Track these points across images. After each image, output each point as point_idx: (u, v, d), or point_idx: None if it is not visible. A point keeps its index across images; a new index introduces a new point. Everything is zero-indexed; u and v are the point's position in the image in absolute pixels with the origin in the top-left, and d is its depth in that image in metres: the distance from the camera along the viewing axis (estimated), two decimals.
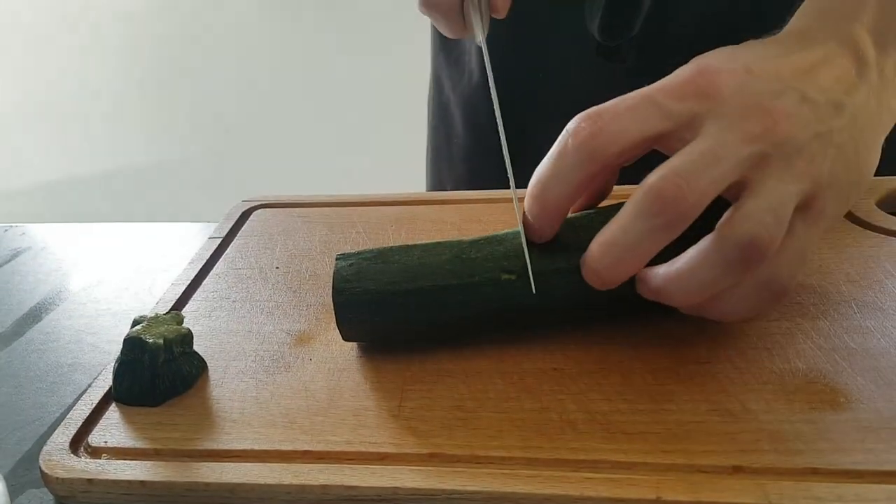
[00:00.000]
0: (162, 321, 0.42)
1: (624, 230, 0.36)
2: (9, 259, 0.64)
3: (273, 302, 0.49)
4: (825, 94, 0.37)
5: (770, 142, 0.35)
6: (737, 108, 0.36)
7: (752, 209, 0.35)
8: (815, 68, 0.38)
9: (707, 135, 0.36)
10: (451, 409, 0.38)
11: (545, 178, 0.39)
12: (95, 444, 0.38)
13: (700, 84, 0.37)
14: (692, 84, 0.37)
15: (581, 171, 0.38)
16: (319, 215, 0.61)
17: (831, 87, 0.37)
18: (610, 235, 0.36)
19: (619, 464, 0.34)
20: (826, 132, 0.36)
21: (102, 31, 2.23)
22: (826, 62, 0.38)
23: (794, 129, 0.35)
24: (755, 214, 0.34)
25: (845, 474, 0.33)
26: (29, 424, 0.43)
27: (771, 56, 0.39)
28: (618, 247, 0.36)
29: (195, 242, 0.60)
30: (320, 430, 0.37)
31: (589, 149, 0.37)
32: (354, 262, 0.42)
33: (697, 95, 0.37)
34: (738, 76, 0.37)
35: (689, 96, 0.37)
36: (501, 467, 0.34)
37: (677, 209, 0.34)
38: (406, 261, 0.41)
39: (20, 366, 0.48)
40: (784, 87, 0.36)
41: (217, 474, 0.35)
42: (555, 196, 0.39)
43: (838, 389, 0.37)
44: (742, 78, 0.37)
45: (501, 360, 0.41)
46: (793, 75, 0.37)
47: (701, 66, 0.38)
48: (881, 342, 0.40)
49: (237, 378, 0.42)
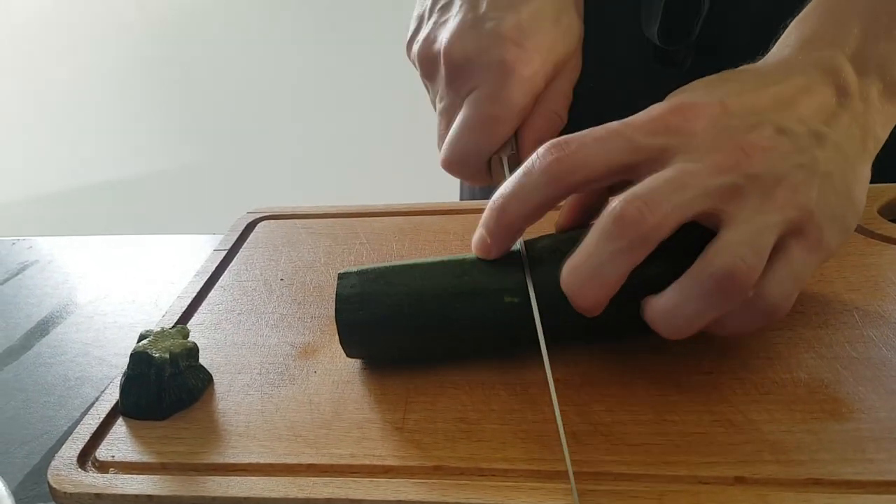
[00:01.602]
0: (168, 335, 0.43)
1: (588, 254, 0.36)
2: (16, 272, 0.64)
3: (278, 314, 0.50)
4: (805, 124, 0.37)
5: (742, 174, 0.35)
6: (708, 142, 0.36)
7: (727, 241, 0.34)
8: (794, 99, 0.38)
9: (675, 166, 0.36)
10: (454, 422, 0.38)
11: (506, 196, 0.39)
12: (103, 458, 0.38)
13: (671, 121, 0.37)
14: (662, 121, 0.37)
15: (541, 193, 0.38)
16: (323, 226, 0.62)
17: (811, 117, 0.37)
18: (575, 259, 0.36)
19: (621, 475, 0.34)
20: (809, 162, 0.36)
21: (109, 40, 2.25)
22: (806, 92, 0.38)
23: (771, 160, 0.35)
24: (730, 247, 0.34)
25: (846, 485, 0.33)
26: (37, 438, 0.43)
27: (748, 89, 0.39)
28: (582, 270, 0.36)
29: (200, 254, 0.60)
30: (325, 443, 0.38)
31: (553, 173, 0.37)
32: (357, 282, 0.42)
33: (668, 131, 0.37)
34: (711, 111, 0.37)
35: (659, 132, 0.37)
36: (505, 479, 0.35)
37: (638, 231, 0.34)
38: (409, 282, 0.41)
39: (28, 379, 0.49)
40: (759, 120, 0.37)
41: (223, 488, 0.36)
42: (513, 214, 0.39)
43: (840, 399, 0.37)
44: (716, 113, 0.37)
45: (504, 372, 0.42)
46: (770, 107, 0.37)
47: (674, 103, 0.38)
48: (883, 351, 0.40)
49: (242, 391, 0.42)
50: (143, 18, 2.19)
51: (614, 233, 0.35)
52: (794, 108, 0.37)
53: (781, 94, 0.38)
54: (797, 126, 0.37)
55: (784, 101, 0.38)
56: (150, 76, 2.28)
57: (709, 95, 0.38)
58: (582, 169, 0.37)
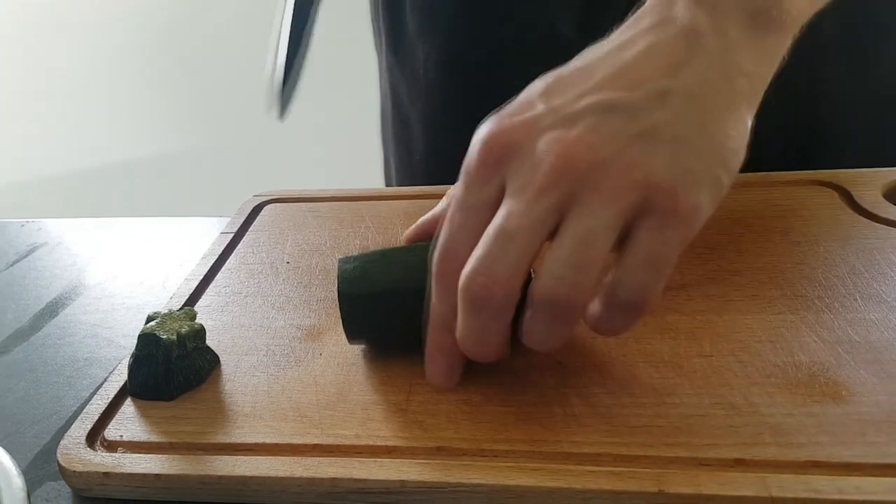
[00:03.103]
0: (175, 317, 0.43)
1: (465, 328, 0.35)
2: (26, 254, 0.65)
3: (284, 297, 0.50)
4: (640, 87, 0.34)
5: (567, 184, 0.33)
6: (529, 161, 0.34)
7: (547, 262, 0.33)
8: (630, 60, 0.35)
9: (502, 210, 0.34)
10: (457, 403, 0.39)
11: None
12: (111, 438, 0.39)
13: (486, 157, 0.35)
14: (483, 156, 0.35)
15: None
16: (329, 210, 0.62)
17: (649, 77, 0.34)
18: (460, 332, 0.36)
19: (621, 457, 0.35)
20: (647, 130, 0.33)
21: (118, 22, 2.24)
22: (645, 49, 0.35)
23: (597, 149, 0.33)
24: (548, 269, 0.33)
25: (846, 467, 0.33)
26: (46, 418, 0.44)
27: (580, 66, 0.36)
28: (469, 342, 0.36)
29: (208, 237, 0.61)
30: (330, 424, 0.38)
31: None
32: (358, 264, 0.42)
33: (491, 166, 0.35)
34: (526, 117, 0.35)
35: (486, 175, 0.35)
36: (506, 460, 0.35)
37: (491, 304, 0.34)
38: (409, 259, 0.41)
39: (38, 360, 0.49)
40: (583, 105, 0.34)
41: (230, 467, 0.36)
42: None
43: (841, 382, 0.38)
44: (532, 118, 0.34)
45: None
46: (599, 82, 0.34)
47: (487, 132, 0.35)
48: (884, 335, 0.41)
49: (249, 372, 0.43)
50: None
51: (474, 309, 0.34)
52: (626, 74, 0.34)
53: (615, 60, 0.35)
54: (630, 93, 0.34)
55: (617, 67, 0.35)
56: (159, 58, 2.28)
57: (528, 96, 0.36)
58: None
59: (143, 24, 2.24)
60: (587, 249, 0.32)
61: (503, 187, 0.34)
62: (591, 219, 0.32)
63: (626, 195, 0.32)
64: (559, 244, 0.33)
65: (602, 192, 0.32)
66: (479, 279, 0.34)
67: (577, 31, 0.61)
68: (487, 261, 0.34)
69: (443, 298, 0.37)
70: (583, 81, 0.35)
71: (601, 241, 0.32)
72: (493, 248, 0.34)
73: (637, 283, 0.33)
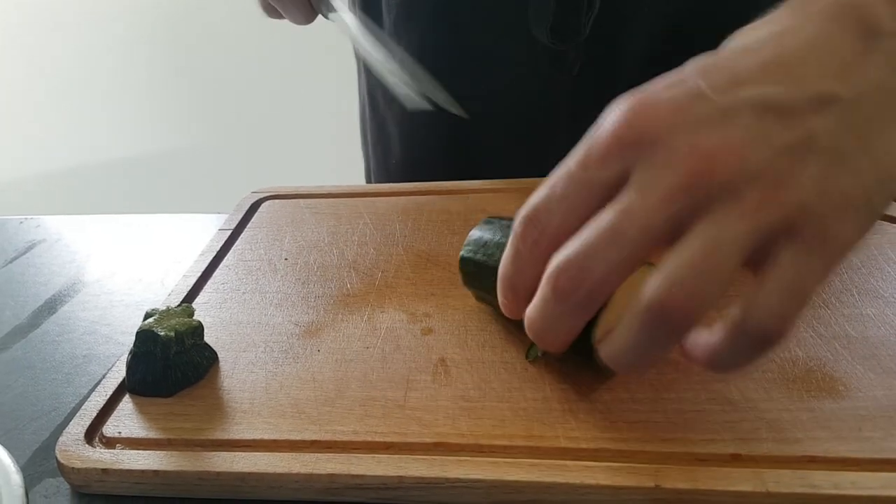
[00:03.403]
0: (173, 314, 0.43)
1: (540, 310, 0.33)
2: (24, 251, 0.65)
3: (282, 293, 0.50)
4: (804, 87, 0.29)
5: (702, 190, 0.29)
6: (667, 151, 0.30)
7: (664, 265, 0.30)
8: (797, 53, 0.30)
9: (622, 200, 0.31)
10: (455, 399, 0.39)
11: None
12: (110, 434, 0.39)
13: (624, 134, 0.31)
14: (616, 136, 0.31)
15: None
16: (327, 206, 0.62)
17: (816, 76, 0.30)
18: (531, 312, 0.34)
19: (619, 452, 0.35)
20: (803, 139, 0.29)
21: (114, 18, 2.24)
22: (815, 42, 0.30)
23: (744, 157, 0.29)
24: (669, 273, 0.29)
25: (842, 462, 0.33)
26: (45, 415, 0.44)
27: (740, 51, 0.31)
28: (537, 326, 0.34)
29: (206, 233, 0.61)
30: (328, 420, 0.38)
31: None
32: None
33: (622, 148, 0.31)
34: (673, 100, 0.30)
35: (612, 155, 0.31)
36: (504, 456, 0.35)
37: (576, 297, 0.32)
38: None
39: (36, 357, 0.49)
40: (737, 99, 0.29)
41: (228, 464, 0.36)
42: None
43: (837, 378, 0.38)
44: (680, 101, 0.30)
45: (505, 351, 0.42)
46: (760, 75, 0.30)
47: (632, 105, 0.31)
48: (881, 330, 0.41)
49: (247, 369, 0.43)
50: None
51: (556, 297, 0.32)
52: (793, 66, 0.30)
53: (780, 51, 0.30)
54: (792, 91, 0.29)
55: (782, 57, 0.30)
56: (157, 55, 2.28)
57: (683, 78, 0.31)
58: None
59: (141, 21, 2.23)
60: (715, 258, 0.29)
61: (627, 173, 0.31)
62: (724, 230, 0.29)
63: (767, 213, 0.29)
64: (683, 247, 0.29)
65: (742, 205, 0.29)
66: (572, 271, 0.31)
67: (550, 34, 0.61)
68: (588, 254, 0.31)
69: (515, 261, 0.35)
70: (743, 66, 0.30)
71: (732, 255, 0.29)
72: (598, 242, 0.31)
73: (776, 310, 0.29)
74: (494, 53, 0.65)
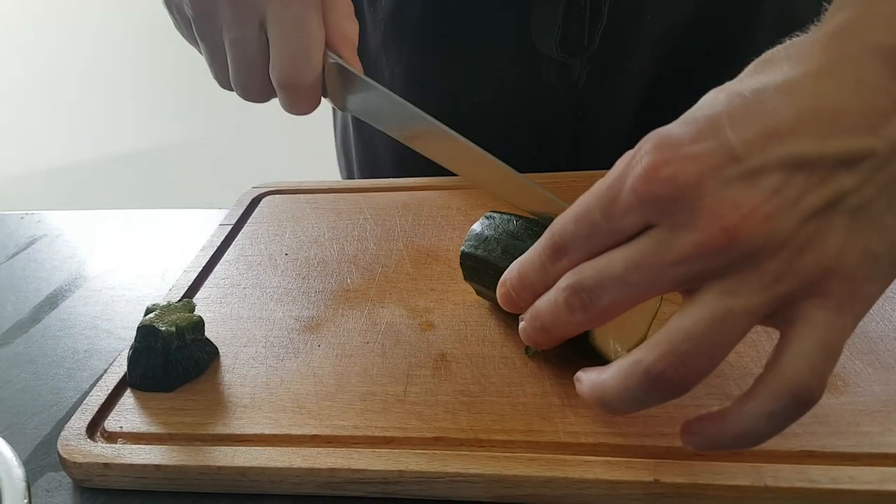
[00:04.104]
0: (174, 309, 0.43)
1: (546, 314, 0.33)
2: (25, 246, 0.65)
3: (282, 289, 0.50)
4: (837, 140, 0.28)
5: (727, 257, 0.28)
6: (689, 211, 0.29)
7: (666, 334, 0.29)
8: (833, 104, 0.28)
9: (638, 248, 0.30)
10: (455, 394, 0.39)
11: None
12: (111, 429, 0.39)
13: (647, 191, 0.29)
14: (639, 193, 0.30)
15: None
16: (327, 201, 0.62)
17: (852, 129, 0.28)
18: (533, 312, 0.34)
19: (618, 447, 0.35)
20: (830, 201, 0.28)
21: (115, 13, 2.24)
22: (853, 89, 0.28)
23: (770, 224, 0.28)
24: (670, 340, 0.29)
25: (840, 457, 0.33)
26: (47, 409, 0.44)
27: (773, 92, 0.29)
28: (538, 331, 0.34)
29: (206, 229, 0.61)
30: (328, 415, 0.38)
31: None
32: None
33: (645, 204, 0.30)
34: (699, 156, 0.29)
35: (632, 205, 0.30)
36: (504, 451, 0.35)
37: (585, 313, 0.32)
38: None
39: (38, 352, 0.49)
40: (768, 160, 0.28)
41: (229, 458, 0.36)
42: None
43: (836, 373, 0.38)
44: (707, 157, 0.28)
45: (504, 346, 0.42)
46: (794, 127, 0.28)
47: (659, 158, 0.29)
48: (880, 326, 0.41)
49: (248, 364, 0.43)
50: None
51: (567, 305, 0.32)
52: (827, 115, 0.28)
53: (813, 98, 0.29)
54: (824, 146, 0.28)
55: (817, 108, 0.28)
56: (158, 50, 2.27)
57: (711, 123, 0.29)
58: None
59: (142, 16, 2.23)
60: (723, 330, 0.28)
61: (647, 224, 0.30)
62: (738, 300, 0.28)
63: (787, 283, 0.28)
64: (690, 314, 0.29)
65: (761, 277, 0.28)
66: (582, 294, 0.31)
67: (559, 48, 0.60)
68: (599, 285, 0.31)
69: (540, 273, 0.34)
70: (777, 114, 0.29)
71: (741, 326, 0.29)
72: (608, 280, 0.31)
73: (813, 364, 0.28)
74: (494, 66, 0.64)
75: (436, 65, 0.65)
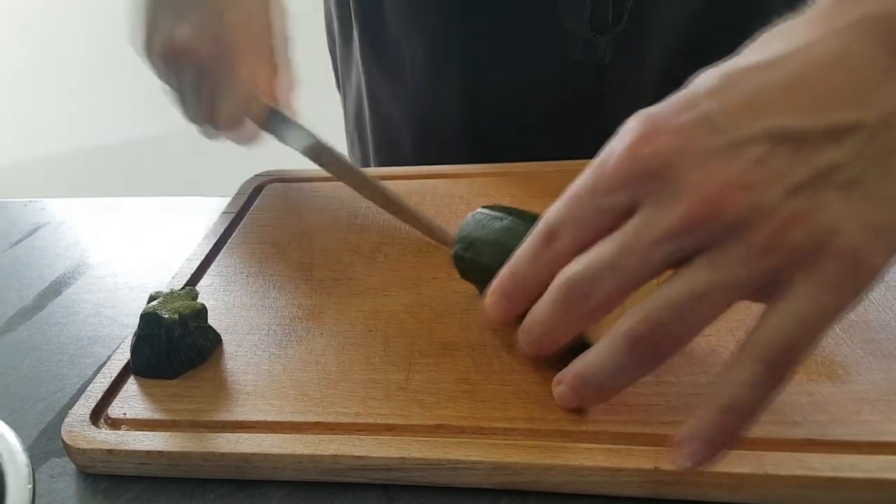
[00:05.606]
0: (177, 296, 0.43)
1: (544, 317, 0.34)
2: (28, 234, 0.65)
3: (285, 276, 0.51)
4: (823, 113, 0.28)
5: (711, 229, 0.28)
6: (673, 186, 0.29)
7: (648, 301, 0.30)
8: (819, 76, 0.28)
9: (628, 231, 0.30)
10: (457, 382, 0.39)
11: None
12: (115, 415, 0.39)
13: (630, 167, 0.30)
14: (622, 168, 0.30)
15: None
16: (331, 189, 0.62)
17: (839, 101, 0.28)
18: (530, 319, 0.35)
19: (619, 435, 0.35)
20: (818, 175, 0.27)
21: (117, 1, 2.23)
22: (839, 60, 0.28)
23: (754, 194, 0.28)
24: (651, 305, 0.30)
25: (841, 445, 0.33)
26: (50, 396, 0.44)
27: (759, 66, 0.29)
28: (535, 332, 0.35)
29: (210, 216, 0.61)
30: (331, 402, 0.39)
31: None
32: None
33: (628, 181, 0.30)
34: (682, 129, 0.29)
35: (620, 183, 0.30)
36: (505, 438, 0.35)
37: (582, 308, 0.32)
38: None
39: (41, 339, 0.50)
40: (751, 131, 0.28)
41: (232, 445, 0.37)
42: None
43: (837, 361, 0.38)
44: (689, 130, 0.29)
45: (507, 334, 0.42)
46: (778, 100, 0.28)
47: (641, 133, 0.30)
48: (881, 314, 0.41)
49: (251, 351, 0.43)
50: None
51: (564, 303, 0.33)
52: (813, 87, 0.28)
53: (799, 70, 0.29)
54: (810, 119, 0.28)
55: (802, 81, 0.28)
56: None
57: (694, 98, 0.30)
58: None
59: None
60: (703, 304, 0.29)
61: (634, 203, 0.30)
62: (721, 274, 0.29)
63: (776, 256, 0.28)
64: (674, 285, 0.29)
65: (747, 249, 0.28)
66: (581, 286, 0.32)
67: (589, 25, 0.59)
68: (592, 278, 0.31)
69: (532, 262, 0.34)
70: (761, 86, 0.29)
71: (724, 298, 0.29)
72: (600, 271, 0.31)
73: (788, 340, 0.28)
74: (519, 46, 0.63)
75: (458, 46, 0.65)
